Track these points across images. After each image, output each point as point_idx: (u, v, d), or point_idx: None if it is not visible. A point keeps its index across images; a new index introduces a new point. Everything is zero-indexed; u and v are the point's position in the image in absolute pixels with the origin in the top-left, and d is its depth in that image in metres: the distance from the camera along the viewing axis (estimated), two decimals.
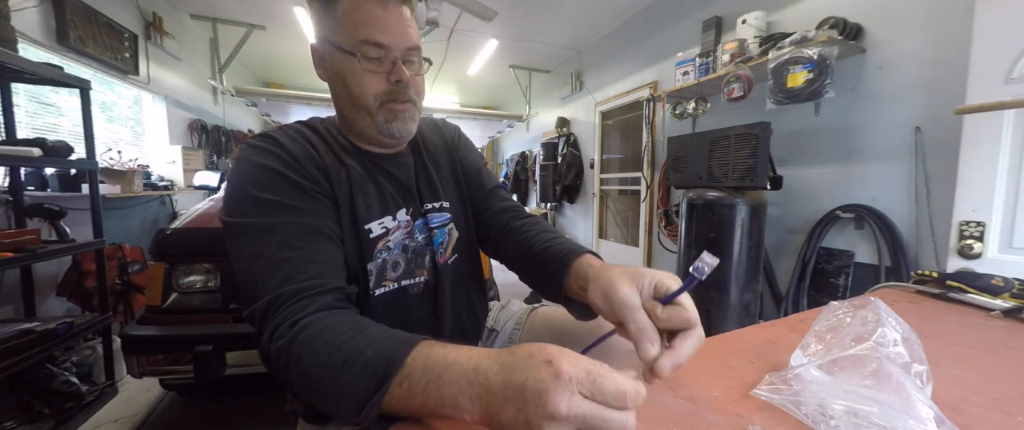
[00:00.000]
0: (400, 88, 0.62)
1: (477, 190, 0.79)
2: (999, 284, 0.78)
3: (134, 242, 2.50)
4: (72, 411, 1.59)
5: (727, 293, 1.96)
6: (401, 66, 0.61)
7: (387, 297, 0.64)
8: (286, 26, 4.07)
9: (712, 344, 0.60)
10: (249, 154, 0.57)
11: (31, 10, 2.14)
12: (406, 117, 0.64)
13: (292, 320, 0.45)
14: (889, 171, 1.81)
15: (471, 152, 0.83)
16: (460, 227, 0.75)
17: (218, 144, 4.25)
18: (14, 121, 1.75)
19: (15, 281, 1.80)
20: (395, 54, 0.61)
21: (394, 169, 0.69)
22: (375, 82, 0.61)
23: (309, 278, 0.49)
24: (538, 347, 0.35)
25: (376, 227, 0.63)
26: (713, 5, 2.69)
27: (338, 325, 0.45)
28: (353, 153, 0.66)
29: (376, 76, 0.61)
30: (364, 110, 0.63)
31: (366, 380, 0.39)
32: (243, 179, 0.55)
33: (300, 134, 0.63)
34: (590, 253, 0.59)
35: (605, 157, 4.25)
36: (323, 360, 0.42)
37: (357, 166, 0.65)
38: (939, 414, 0.35)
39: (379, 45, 0.59)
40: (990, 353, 0.57)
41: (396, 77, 0.61)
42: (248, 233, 0.51)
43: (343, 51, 0.60)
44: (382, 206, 0.65)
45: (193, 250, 1.47)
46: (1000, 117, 1.24)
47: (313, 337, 0.44)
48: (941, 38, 1.63)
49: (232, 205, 0.54)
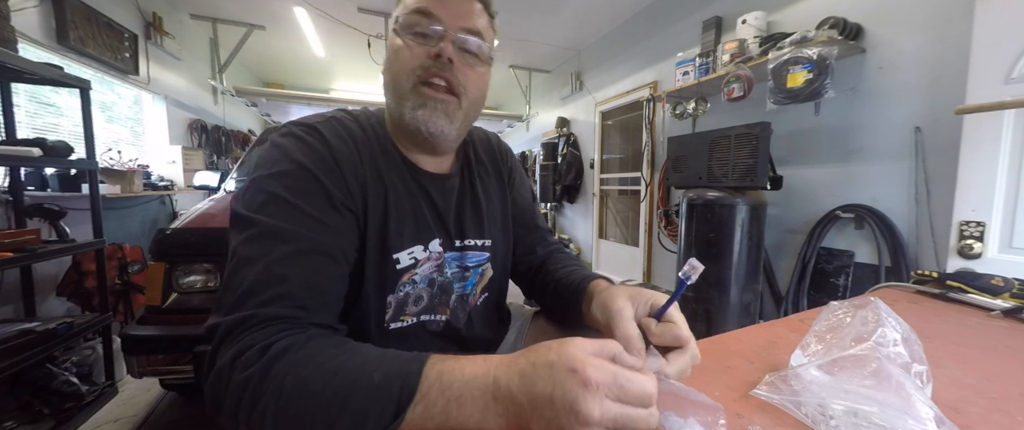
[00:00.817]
0: (438, 64, 0.52)
1: (524, 230, 0.75)
2: (999, 284, 0.78)
3: (134, 242, 2.50)
4: (72, 411, 1.59)
5: (727, 293, 1.96)
6: (448, 42, 0.53)
7: (403, 331, 0.59)
8: (286, 26, 4.07)
9: (712, 344, 0.60)
10: (288, 143, 0.50)
11: (31, 10, 2.14)
12: (439, 109, 0.54)
13: (262, 344, 0.37)
14: (889, 171, 1.81)
15: (524, 184, 0.78)
16: (496, 267, 0.69)
17: (218, 144, 4.25)
18: (14, 121, 1.75)
19: (15, 281, 1.79)
20: (446, 30, 0.53)
21: (437, 193, 0.61)
22: (414, 57, 0.53)
23: (297, 307, 0.41)
24: (555, 352, 0.34)
25: (405, 257, 0.57)
26: (713, 5, 2.69)
27: (326, 348, 0.38)
28: (397, 165, 0.58)
29: (417, 49, 0.53)
30: (398, 92, 0.55)
31: (380, 406, 0.34)
32: (274, 170, 0.48)
33: (348, 133, 0.55)
34: (602, 278, 0.58)
35: (605, 157, 4.25)
36: (316, 389, 0.35)
37: (399, 184, 0.57)
38: (939, 414, 0.35)
39: (428, 15, 0.52)
40: (990, 353, 0.57)
41: (436, 50, 0.52)
42: (255, 230, 0.44)
43: (396, 30, 0.55)
44: (415, 234, 0.58)
45: (193, 250, 1.47)
46: (1000, 117, 1.24)
47: (298, 362, 0.36)
48: (941, 38, 1.63)
49: (251, 195, 0.46)
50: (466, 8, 0.55)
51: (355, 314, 0.55)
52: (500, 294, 0.73)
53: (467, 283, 0.65)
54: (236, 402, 0.35)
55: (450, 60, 0.53)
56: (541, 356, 0.34)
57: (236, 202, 0.48)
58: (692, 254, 2.08)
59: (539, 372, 0.33)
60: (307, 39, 4.34)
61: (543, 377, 0.33)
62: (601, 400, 0.31)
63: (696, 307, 2.06)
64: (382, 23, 3.80)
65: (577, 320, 0.57)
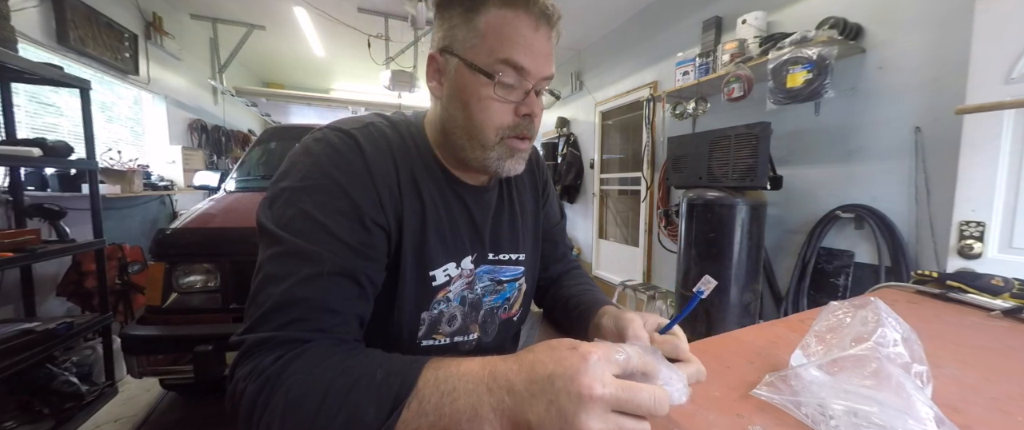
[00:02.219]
0: (527, 124, 0.54)
1: (549, 244, 0.76)
2: (999, 284, 0.78)
3: (134, 242, 2.50)
4: (72, 411, 1.59)
5: (727, 293, 1.96)
6: (535, 98, 0.53)
7: (433, 349, 0.59)
8: (286, 26, 4.07)
9: (712, 344, 0.60)
10: (322, 151, 0.49)
11: (31, 10, 2.14)
12: (521, 157, 0.57)
13: (277, 355, 0.39)
14: (889, 171, 1.81)
15: (555, 199, 0.79)
16: (529, 281, 0.70)
17: (218, 144, 4.25)
18: (14, 121, 1.75)
19: (15, 281, 1.80)
20: (531, 83, 0.52)
21: (475, 206, 0.61)
22: (502, 113, 0.53)
23: (314, 330, 0.42)
24: (556, 340, 0.35)
25: (441, 275, 0.56)
26: (713, 5, 2.68)
27: (338, 350, 0.40)
28: (437, 176, 0.58)
29: (505, 106, 0.53)
30: (479, 141, 0.54)
31: (378, 401, 0.35)
32: (306, 182, 0.47)
33: (386, 143, 0.54)
34: (611, 305, 0.61)
35: (605, 157, 4.25)
36: (324, 383, 0.36)
37: (437, 197, 0.57)
38: (939, 414, 0.35)
39: (520, 69, 0.51)
40: (990, 353, 0.57)
41: (527, 110, 0.53)
42: (281, 248, 0.44)
43: (475, 69, 0.51)
44: (450, 250, 0.58)
45: (193, 250, 1.47)
46: (1000, 117, 1.24)
47: (310, 362, 0.38)
48: (941, 38, 1.63)
49: (281, 208, 0.46)
50: (549, 55, 0.53)
51: (388, 330, 0.56)
52: (527, 311, 0.75)
53: (500, 296, 0.66)
54: (251, 404, 0.37)
55: (536, 116, 0.55)
56: (542, 345, 0.35)
57: (264, 211, 0.48)
58: (692, 254, 2.08)
59: (539, 357, 0.33)
60: (307, 39, 4.34)
61: (543, 360, 0.33)
62: (602, 372, 0.31)
63: (696, 307, 2.06)
64: (382, 23, 3.80)
65: (579, 336, 0.57)
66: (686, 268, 2.14)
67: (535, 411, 0.31)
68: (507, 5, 0.50)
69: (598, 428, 0.29)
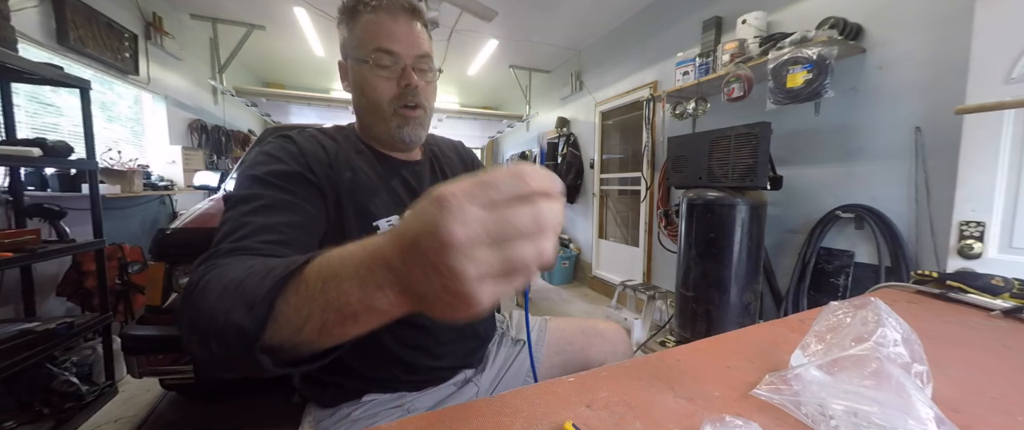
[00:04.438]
0: (409, 92, 0.69)
1: None
2: (999, 284, 0.78)
3: (134, 242, 2.50)
4: (72, 411, 1.59)
5: (727, 293, 1.96)
6: (410, 71, 0.68)
7: None
8: (286, 26, 4.07)
9: (712, 344, 0.60)
10: (266, 147, 0.65)
11: (31, 10, 2.14)
12: (416, 123, 0.72)
13: (212, 263, 0.43)
14: (889, 171, 1.81)
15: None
16: None
17: (218, 144, 4.24)
18: (14, 121, 1.75)
19: (15, 281, 1.79)
20: (405, 61, 0.68)
21: (409, 174, 0.76)
22: (387, 87, 0.68)
23: (259, 243, 0.48)
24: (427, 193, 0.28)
25: (384, 224, 0.68)
26: (713, 5, 2.68)
27: (255, 260, 0.42)
28: (368, 156, 0.73)
29: (388, 82, 0.68)
30: (380, 115, 0.70)
31: (265, 285, 0.34)
32: (249, 162, 0.63)
33: (314, 136, 0.70)
34: None
35: (605, 157, 4.25)
36: (227, 279, 0.38)
37: (367, 168, 0.71)
38: (939, 414, 0.35)
39: (390, 52, 0.67)
40: (990, 353, 0.57)
41: (405, 81, 0.68)
42: (232, 200, 0.55)
43: (360, 61, 0.68)
44: (391, 205, 0.70)
45: (193, 250, 1.47)
46: (1000, 117, 1.24)
47: (228, 266, 0.41)
48: (941, 38, 1.63)
49: (235, 186, 0.59)
50: (414, 39, 0.69)
51: None
52: None
53: None
54: (181, 304, 0.41)
55: (416, 86, 0.69)
56: (408, 215, 0.28)
57: (224, 200, 0.63)
58: (692, 254, 2.08)
59: (407, 219, 0.28)
60: (307, 39, 4.34)
61: (409, 221, 0.27)
62: (462, 211, 0.24)
63: (696, 307, 2.06)
64: None
65: None
66: (686, 268, 2.14)
67: (418, 282, 0.27)
68: (372, 11, 0.67)
69: (475, 273, 0.24)
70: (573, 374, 0.50)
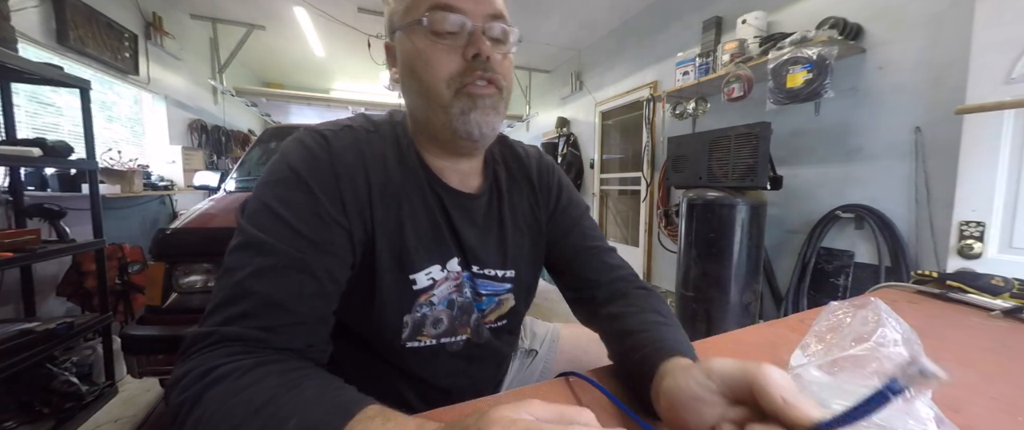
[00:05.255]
0: (479, 63, 0.49)
1: (568, 251, 0.64)
2: (999, 284, 0.77)
3: (134, 242, 2.50)
4: (72, 411, 1.59)
5: (727, 293, 1.96)
6: (481, 36, 0.49)
7: (421, 351, 0.56)
8: (286, 26, 4.07)
9: (712, 344, 0.60)
10: (294, 149, 0.48)
11: (31, 10, 2.14)
12: (487, 106, 0.50)
13: (206, 367, 0.35)
14: (889, 171, 1.81)
15: (574, 204, 0.67)
16: (519, 297, 0.63)
17: (218, 144, 4.25)
18: (14, 121, 1.75)
19: (15, 281, 1.79)
20: (474, 24, 0.49)
21: (457, 214, 0.57)
22: (448, 61, 0.49)
23: (260, 328, 0.39)
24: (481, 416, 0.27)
25: (423, 278, 0.54)
26: (713, 5, 2.69)
27: (265, 379, 0.35)
28: (417, 178, 0.55)
29: (449, 53, 0.49)
30: (436, 101, 0.50)
31: None
32: (272, 178, 0.47)
33: (359, 148, 0.51)
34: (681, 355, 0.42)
35: (605, 157, 4.25)
36: (231, 425, 0.32)
37: (416, 199, 0.54)
38: (939, 414, 0.35)
39: (451, 8, 0.47)
40: (990, 353, 0.57)
41: (474, 49, 0.48)
42: (241, 239, 0.44)
43: (410, 27, 0.49)
44: (433, 252, 0.55)
45: (193, 250, 1.47)
46: (1000, 117, 1.24)
47: (229, 392, 0.34)
48: (941, 38, 1.63)
49: (250, 203, 0.46)
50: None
51: (368, 332, 0.54)
52: (518, 321, 0.68)
53: (478, 305, 0.61)
54: (173, 418, 0.35)
55: (489, 57, 0.49)
56: (471, 420, 0.27)
57: (240, 207, 0.47)
58: (692, 254, 2.08)
59: (461, 422, 0.27)
60: (307, 39, 4.34)
61: (460, 424, 0.27)
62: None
63: (696, 307, 2.06)
64: (382, 23, 3.79)
65: (642, 393, 0.42)
66: (686, 268, 2.14)
67: None
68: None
69: None
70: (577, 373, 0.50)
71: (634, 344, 0.47)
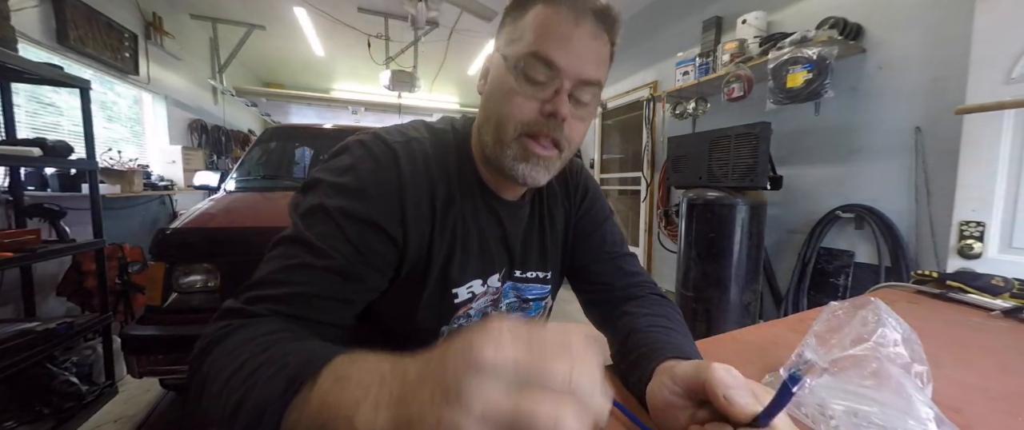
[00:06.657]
0: (549, 124, 0.48)
1: (588, 254, 0.66)
2: (999, 284, 0.78)
3: (134, 242, 2.50)
4: (72, 411, 1.59)
5: (727, 293, 1.96)
6: (564, 97, 0.47)
7: None
8: (286, 26, 4.07)
9: (712, 344, 0.60)
10: (363, 157, 0.49)
11: (31, 10, 2.14)
12: (540, 165, 0.51)
13: (227, 323, 0.39)
14: (889, 171, 1.81)
15: (598, 206, 0.70)
16: (554, 297, 0.69)
17: (218, 144, 4.25)
18: (14, 121, 1.75)
19: (15, 281, 1.79)
20: (565, 81, 0.47)
21: (509, 221, 0.59)
22: (524, 108, 0.48)
23: (286, 316, 0.42)
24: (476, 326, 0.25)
25: (464, 292, 0.56)
26: (713, 5, 2.69)
27: (278, 330, 0.37)
28: (473, 190, 0.56)
29: (529, 102, 0.48)
30: (500, 135, 0.51)
31: (273, 384, 0.30)
32: (337, 179, 0.47)
33: (425, 162, 0.52)
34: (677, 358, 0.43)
35: (605, 157, 4.25)
36: (237, 363, 0.33)
37: (470, 213, 0.55)
38: (939, 414, 0.35)
39: (549, 63, 0.47)
40: (990, 353, 0.57)
41: (550, 108, 0.47)
42: (292, 232, 0.46)
43: (508, 61, 0.49)
44: (477, 267, 0.57)
45: (193, 250, 1.47)
46: (1000, 117, 1.24)
47: (244, 338, 0.36)
48: (941, 38, 1.63)
49: (309, 198, 0.47)
50: (592, 55, 0.48)
51: (405, 340, 0.56)
52: None
53: (528, 312, 0.64)
54: (189, 366, 0.38)
55: (563, 119, 0.48)
56: (454, 335, 0.25)
57: (299, 193, 0.49)
58: (692, 254, 2.08)
59: (447, 344, 0.24)
60: (307, 39, 4.34)
61: (448, 345, 0.24)
62: (502, 342, 0.21)
63: (696, 307, 2.06)
64: (382, 23, 3.80)
65: (636, 390, 0.45)
66: (686, 268, 2.14)
67: (418, 400, 0.23)
68: (549, 2, 0.48)
69: (478, 411, 0.20)
70: None
71: (634, 344, 0.49)
